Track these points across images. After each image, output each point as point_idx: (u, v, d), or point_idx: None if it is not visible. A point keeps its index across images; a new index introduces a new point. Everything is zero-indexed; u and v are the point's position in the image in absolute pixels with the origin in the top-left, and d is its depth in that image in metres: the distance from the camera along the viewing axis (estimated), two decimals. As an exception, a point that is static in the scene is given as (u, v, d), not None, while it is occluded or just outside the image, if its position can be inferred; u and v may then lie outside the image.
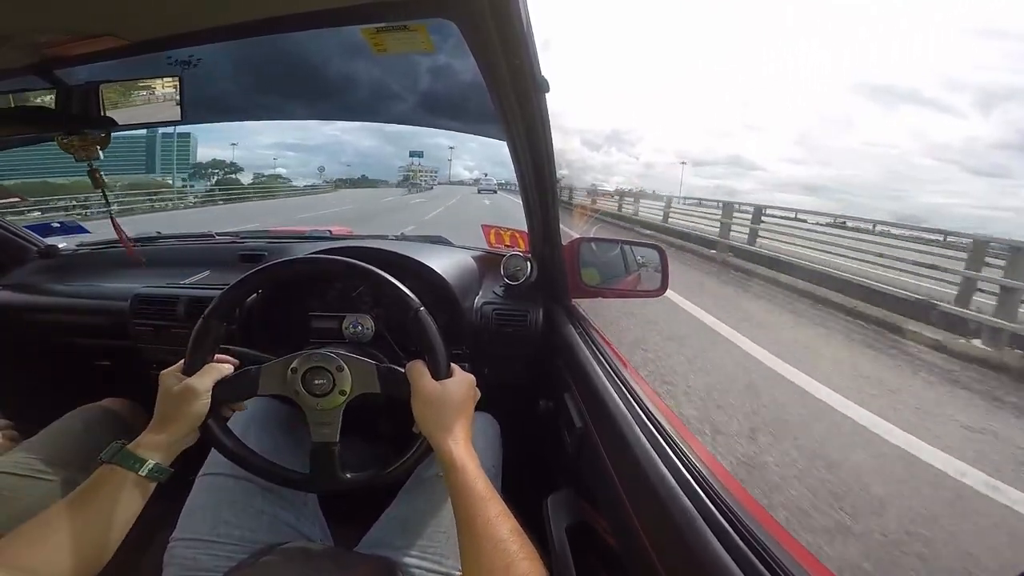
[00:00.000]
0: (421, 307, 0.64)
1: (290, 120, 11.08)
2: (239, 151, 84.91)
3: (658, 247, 1.20)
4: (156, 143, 21.95)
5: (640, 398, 0.68)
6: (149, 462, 0.55)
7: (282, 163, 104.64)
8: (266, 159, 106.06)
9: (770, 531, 0.43)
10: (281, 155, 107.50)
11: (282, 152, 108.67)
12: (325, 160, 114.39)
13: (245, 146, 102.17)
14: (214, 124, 4.15)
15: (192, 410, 0.58)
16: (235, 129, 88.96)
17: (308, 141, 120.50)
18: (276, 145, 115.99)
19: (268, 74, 1.34)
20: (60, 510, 0.50)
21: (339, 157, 31.13)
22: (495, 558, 0.48)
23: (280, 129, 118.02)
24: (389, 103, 1.55)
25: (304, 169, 60.73)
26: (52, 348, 1.26)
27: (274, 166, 63.54)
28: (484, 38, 0.57)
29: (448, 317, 0.95)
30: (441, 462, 0.58)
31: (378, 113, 1.73)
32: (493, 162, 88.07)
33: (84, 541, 0.49)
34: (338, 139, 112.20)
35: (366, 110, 1.68)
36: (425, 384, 0.60)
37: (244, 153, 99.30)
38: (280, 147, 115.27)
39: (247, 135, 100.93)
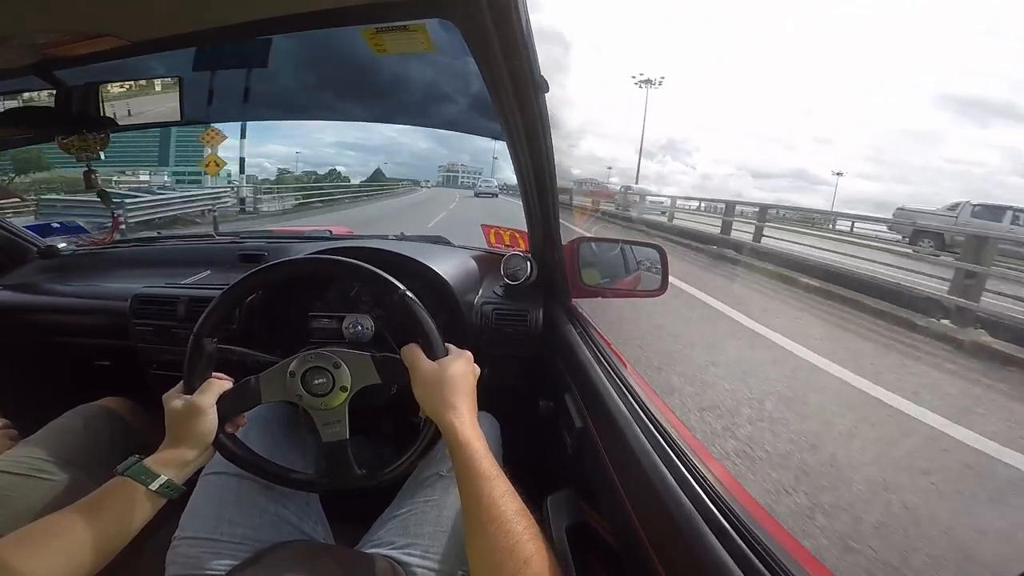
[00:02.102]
0: (406, 291, 0.64)
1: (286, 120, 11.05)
2: (305, 149, 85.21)
3: (658, 247, 1.20)
4: (171, 136, 21.56)
5: (640, 398, 0.68)
6: (161, 477, 0.55)
7: (342, 162, 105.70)
8: (330, 157, 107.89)
9: (770, 531, 0.43)
10: (342, 154, 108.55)
11: (343, 151, 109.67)
12: (384, 160, 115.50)
13: (308, 144, 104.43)
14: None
15: (200, 428, 0.59)
16: (296, 127, 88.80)
17: (367, 141, 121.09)
18: (338, 144, 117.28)
19: (271, 75, 1.34)
20: (66, 516, 0.51)
21: (396, 157, 31.87)
22: (500, 538, 0.48)
23: (341, 129, 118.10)
24: (387, 103, 1.55)
25: (363, 168, 61.59)
26: (52, 348, 1.26)
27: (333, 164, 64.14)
28: (484, 38, 0.57)
29: (448, 317, 0.95)
30: (447, 441, 0.57)
31: (376, 113, 1.73)
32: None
33: (85, 549, 0.50)
34: (396, 140, 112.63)
35: (359, 111, 1.68)
36: (422, 366, 0.60)
37: (309, 152, 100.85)
38: (341, 146, 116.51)
39: (308, 133, 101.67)
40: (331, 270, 0.75)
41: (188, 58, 0.92)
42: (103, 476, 0.56)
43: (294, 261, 0.73)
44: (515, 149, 0.84)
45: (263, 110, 1.58)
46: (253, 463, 0.65)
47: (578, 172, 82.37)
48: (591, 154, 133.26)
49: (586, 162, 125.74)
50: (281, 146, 48.21)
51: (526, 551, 0.47)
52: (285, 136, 65.60)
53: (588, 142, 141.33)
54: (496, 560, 0.48)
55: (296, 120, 13.48)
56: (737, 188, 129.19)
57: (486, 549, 0.49)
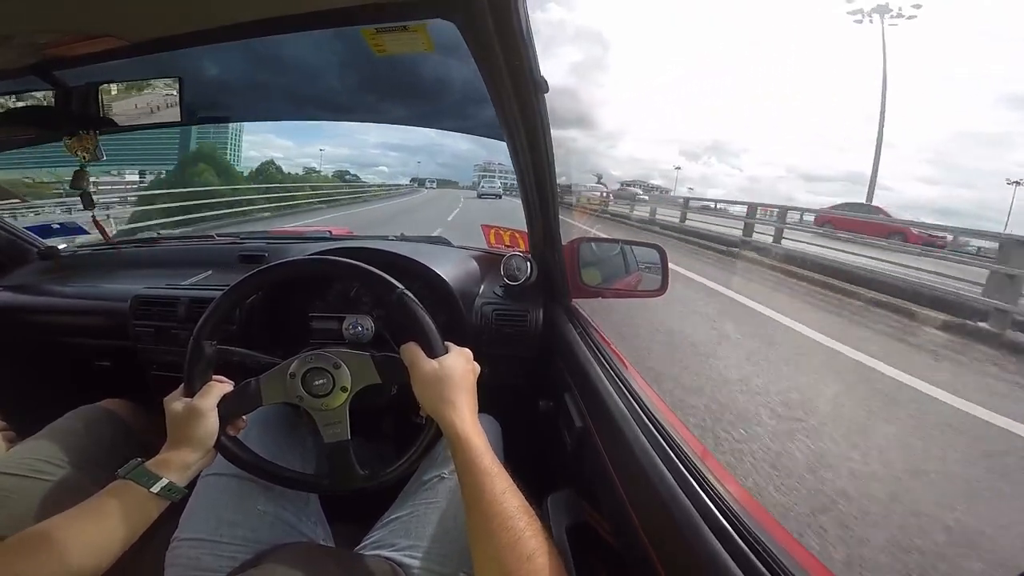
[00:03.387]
0: (404, 290, 0.64)
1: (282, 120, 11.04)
2: (351, 149, 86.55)
3: (658, 247, 1.20)
4: (190, 135, 21.14)
5: (640, 398, 0.68)
6: (163, 480, 0.56)
7: (385, 162, 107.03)
8: (373, 158, 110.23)
9: (770, 531, 0.43)
10: (385, 155, 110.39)
11: (386, 152, 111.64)
12: (425, 160, 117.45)
13: (353, 144, 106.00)
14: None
15: (201, 430, 0.59)
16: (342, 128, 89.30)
17: (409, 142, 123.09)
18: (382, 144, 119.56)
19: (261, 75, 1.34)
20: (68, 519, 0.51)
21: (437, 158, 32.21)
22: (502, 535, 0.48)
23: (386, 130, 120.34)
24: (384, 103, 1.55)
25: (405, 168, 62.81)
26: (52, 348, 1.25)
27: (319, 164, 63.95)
28: (484, 39, 0.57)
29: (448, 317, 0.95)
30: (448, 438, 0.58)
31: (373, 113, 1.73)
32: (581, 170, 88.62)
33: (88, 552, 0.50)
34: (436, 141, 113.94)
35: (358, 110, 1.68)
36: (422, 364, 0.60)
37: (354, 152, 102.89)
38: (385, 147, 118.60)
39: (353, 133, 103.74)
40: (331, 271, 0.75)
41: (190, 57, 0.92)
42: (103, 478, 0.56)
43: (294, 262, 0.73)
44: (515, 149, 0.84)
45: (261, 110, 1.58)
46: (255, 464, 0.65)
47: (618, 173, 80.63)
48: (631, 156, 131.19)
49: (626, 164, 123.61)
50: (331, 147, 49.27)
51: (529, 547, 0.47)
52: (329, 136, 66.38)
53: (628, 143, 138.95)
54: (499, 556, 0.48)
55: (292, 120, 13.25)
56: (787, 191, 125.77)
57: (488, 545, 0.49)
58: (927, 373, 3.25)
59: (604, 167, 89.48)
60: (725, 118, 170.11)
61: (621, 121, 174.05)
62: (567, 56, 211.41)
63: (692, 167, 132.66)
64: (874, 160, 23.73)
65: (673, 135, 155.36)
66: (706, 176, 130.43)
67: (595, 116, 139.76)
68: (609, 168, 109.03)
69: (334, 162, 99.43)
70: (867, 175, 23.85)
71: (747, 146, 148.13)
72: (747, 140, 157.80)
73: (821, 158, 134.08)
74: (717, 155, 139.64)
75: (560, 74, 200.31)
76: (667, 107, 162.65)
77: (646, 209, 15.68)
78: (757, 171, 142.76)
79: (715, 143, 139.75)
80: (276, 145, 57.86)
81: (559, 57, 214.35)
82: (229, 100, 1.44)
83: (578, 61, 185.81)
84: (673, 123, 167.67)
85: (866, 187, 24.02)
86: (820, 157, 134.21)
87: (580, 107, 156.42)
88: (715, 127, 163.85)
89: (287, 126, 40.46)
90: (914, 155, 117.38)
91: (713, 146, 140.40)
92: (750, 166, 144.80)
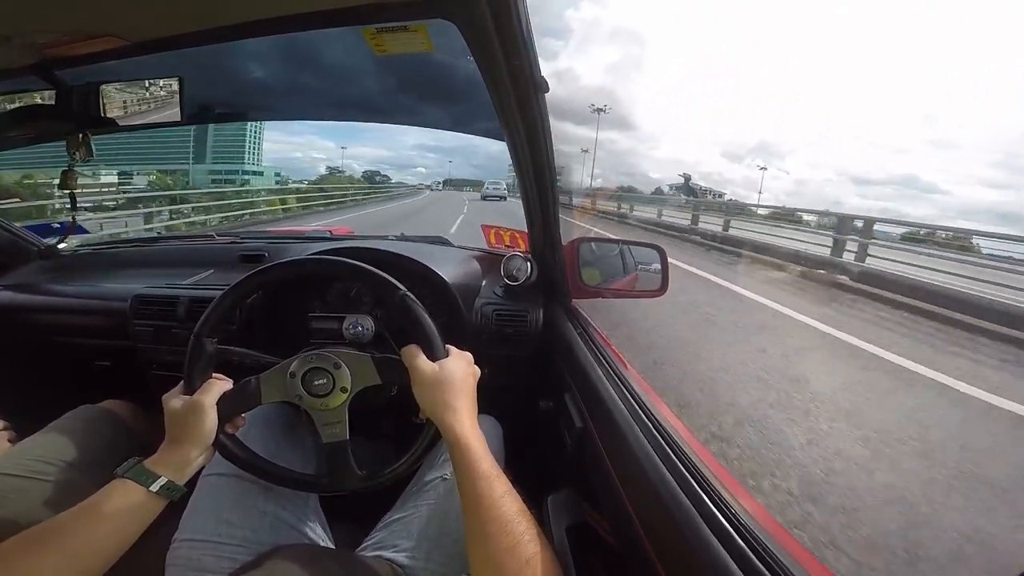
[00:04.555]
0: (407, 292, 0.64)
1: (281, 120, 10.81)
2: (388, 151, 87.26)
3: (658, 247, 1.20)
4: (207, 133, 20.85)
5: (640, 398, 0.68)
6: (162, 479, 0.55)
7: (423, 164, 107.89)
8: (411, 159, 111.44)
9: (770, 531, 0.43)
10: (423, 156, 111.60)
11: (423, 153, 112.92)
12: (460, 161, 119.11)
13: (390, 146, 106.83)
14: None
15: (201, 428, 0.59)
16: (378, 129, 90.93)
17: (445, 143, 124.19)
18: (419, 147, 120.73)
19: (255, 74, 1.34)
20: (68, 519, 0.51)
21: (472, 159, 32.09)
22: (500, 538, 0.48)
23: (423, 131, 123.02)
24: (382, 103, 1.55)
25: (440, 169, 63.35)
26: (52, 348, 1.25)
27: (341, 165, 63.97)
28: (484, 39, 0.57)
29: (448, 318, 0.95)
30: (447, 441, 0.58)
31: (371, 113, 1.73)
32: (618, 172, 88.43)
33: (88, 552, 0.50)
34: (471, 143, 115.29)
35: (356, 110, 1.68)
36: (423, 367, 0.60)
37: (392, 153, 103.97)
38: (422, 148, 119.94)
39: (393, 135, 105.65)
40: (332, 271, 0.75)
41: (191, 57, 0.92)
42: (103, 478, 0.56)
43: (295, 261, 0.73)
44: (515, 149, 0.84)
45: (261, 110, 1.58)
46: (253, 463, 0.65)
47: (658, 176, 78.65)
48: (672, 157, 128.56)
49: (666, 165, 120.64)
50: (371, 148, 49.76)
51: (527, 551, 0.47)
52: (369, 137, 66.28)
53: (669, 144, 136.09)
54: (496, 560, 0.48)
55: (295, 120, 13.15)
56: (835, 195, 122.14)
57: (486, 549, 0.49)
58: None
59: (644, 169, 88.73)
60: (772, 119, 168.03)
61: (662, 122, 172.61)
62: (603, 56, 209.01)
63: (735, 169, 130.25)
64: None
65: (716, 136, 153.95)
66: (750, 179, 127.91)
67: (634, 117, 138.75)
68: (649, 170, 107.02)
69: (373, 163, 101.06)
70: (922, 178, 22.66)
71: (794, 148, 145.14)
72: (794, 141, 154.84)
73: (873, 160, 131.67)
74: (763, 157, 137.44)
75: (596, 74, 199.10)
76: (710, 107, 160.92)
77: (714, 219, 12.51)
78: (804, 174, 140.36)
79: (760, 144, 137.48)
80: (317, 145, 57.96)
81: (594, 57, 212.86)
82: (231, 99, 1.44)
83: (615, 61, 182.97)
84: (716, 124, 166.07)
85: (919, 191, 22.78)
86: (872, 159, 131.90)
87: (619, 108, 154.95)
88: (761, 128, 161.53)
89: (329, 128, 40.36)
90: (978, 157, 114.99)
91: (758, 147, 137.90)
92: (797, 169, 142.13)
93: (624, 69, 37.68)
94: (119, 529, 0.52)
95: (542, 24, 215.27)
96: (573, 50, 30.81)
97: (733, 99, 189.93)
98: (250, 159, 27.82)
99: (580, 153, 51.50)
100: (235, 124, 24.87)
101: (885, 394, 2.95)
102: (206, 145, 21.64)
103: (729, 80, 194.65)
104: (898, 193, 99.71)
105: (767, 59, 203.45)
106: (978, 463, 2.02)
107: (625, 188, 40.96)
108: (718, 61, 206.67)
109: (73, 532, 0.50)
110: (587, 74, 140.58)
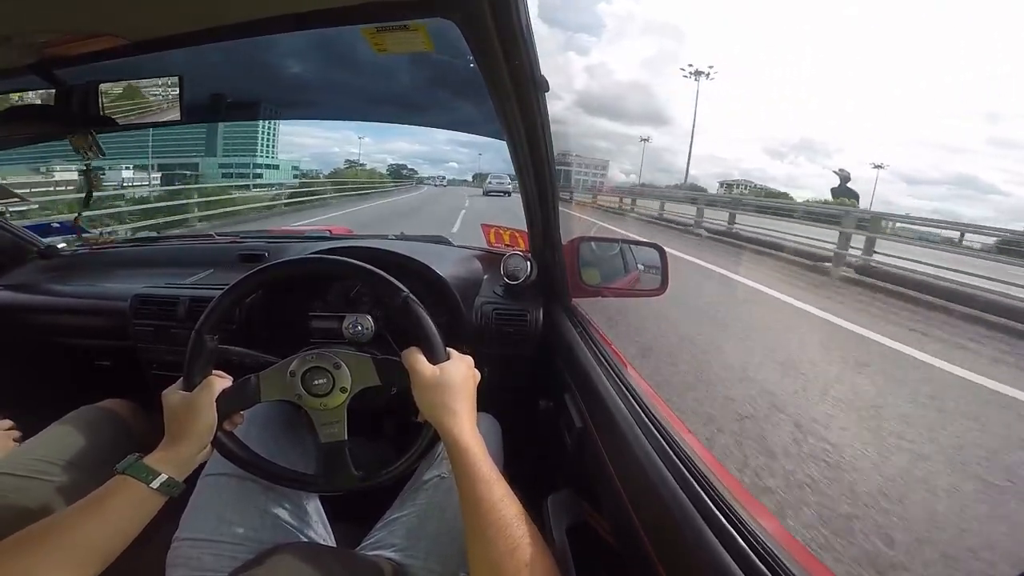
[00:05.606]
0: (409, 294, 0.64)
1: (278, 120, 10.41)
2: (422, 145, 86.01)
3: (658, 246, 1.20)
4: (218, 127, 20.43)
5: (640, 398, 0.68)
6: (162, 475, 0.55)
7: (455, 158, 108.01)
8: (445, 154, 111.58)
9: (770, 531, 0.43)
10: (456, 151, 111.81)
11: (456, 148, 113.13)
12: (492, 156, 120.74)
13: (425, 141, 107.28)
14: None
15: (199, 425, 0.59)
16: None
17: (477, 139, 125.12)
18: (452, 141, 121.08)
19: (246, 74, 1.34)
20: (69, 516, 0.51)
21: (503, 154, 32.25)
22: (499, 541, 0.49)
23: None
24: (381, 102, 1.55)
25: (472, 165, 62.75)
26: (52, 348, 1.26)
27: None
28: (484, 38, 0.57)
29: (448, 317, 0.95)
30: (446, 444, 0.58)
31: (370, 113, 1.73)
32: (654, 168, 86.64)
33: (89, 549, 0.50)
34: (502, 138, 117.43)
35: (355, 110, 1.68)
36: (423, 369, 0.60)
37: (427, 148, 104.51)
38: (455, 144, 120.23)
39: (427, 130, 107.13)
40: (333, 270, 0.75)
41: (192, 56, 0.92)
42: (104, 478, 0.56)
43: (296, 260, 0.73)
44: (515, 149, 0.84)
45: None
46: (251, 462, 0.65)
47: (695, 172, 75.95)
48: (710, 154, 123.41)
49: (704, 162, 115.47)
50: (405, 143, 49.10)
51: (526, 554, 0.48)
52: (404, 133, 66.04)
53: (706, 140, 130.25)
54: (495, 563, 0.48)
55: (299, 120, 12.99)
56: (884, 195, 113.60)
57: (485, 552, 0.49)
58: None
59: (680, 165, 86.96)
60: (818, 114, 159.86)
61: (699, 117, 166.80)
62: (637, 50, 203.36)
63: (777, 167, 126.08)
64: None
65: (756, 132, 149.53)
66: (793, 177, 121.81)
67: (670, 112, 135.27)
68: (684, 166, 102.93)
69: (407, 157, 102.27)
70: (980, 178, 20.53)
71: (841, 145, 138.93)
72: (842, 139, 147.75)
73: (925, 159, 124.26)
74: (806, 154, 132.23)
75: (630, 69, 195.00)
76: (750, 102, 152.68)
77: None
78: (852, 172, 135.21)
79: (804, 141, 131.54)
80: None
81: (627, 51, 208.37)
82: (232, 98, 1.44)
83: (650, 56, 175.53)
84: (756, 119, 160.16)
85: (976, 191, 20.65)
86: (924, 158, 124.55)
87: (654, 103, 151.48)
88: (805, 123, 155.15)
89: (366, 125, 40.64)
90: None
91: (801, 144, 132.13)
92: (845, 166, 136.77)
93: (660, 63, 36.92)
94: (120, 526, 0.52)
95: (573, 19, 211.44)
96: (606, 44, 29.83)
97: (776, 93, 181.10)
98: (263, 152, 27.47)
99: (638, 142, 47.36)
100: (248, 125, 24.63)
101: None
102: (216, 138, 21.45)
103: (772, 73, 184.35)
104: (953, 193, 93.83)
105: (816, 51, 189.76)
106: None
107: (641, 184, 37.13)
108: (761, 53, 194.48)
109: (73, 528, 0.50)
110: (621, 68, 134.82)
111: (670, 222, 12.63)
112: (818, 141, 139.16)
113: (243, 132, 25.71)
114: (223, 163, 23.03)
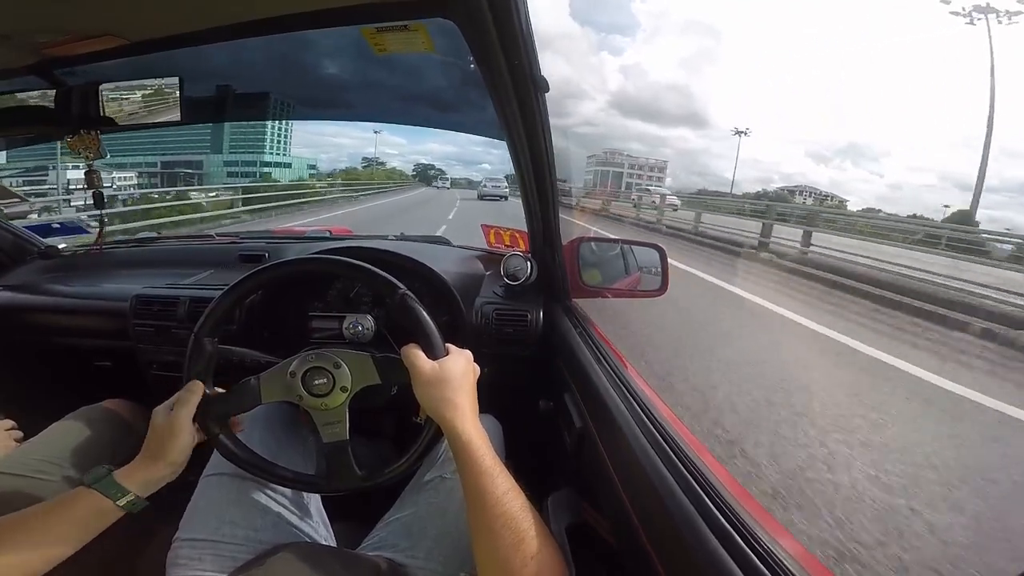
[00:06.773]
0: (407, 291, 0.64)
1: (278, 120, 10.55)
2: (455, 147, 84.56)
3: (658, 247, 1.20)
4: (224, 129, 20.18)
5: (640, 398, 0.68)
6: (130, 494, 0.56)
7: (487, 160, 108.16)
8: (477, 155, 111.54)
9: (770, 531, 0.43)
10: (487, 152, 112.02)
11: (488, 150, 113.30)
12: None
13: (457, 143, 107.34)
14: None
15: (174, 448, 0.59)
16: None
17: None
18: (484, 143, 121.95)
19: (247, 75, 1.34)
20: (25, 517, 0.52)
21: None
22: (505, 535, 0.49)
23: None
24: (380, 102, 1.55)
25: (503, 166, 63.07)
26: (52, 349, 1.26)
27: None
28: (484, 38, 0.57)
29: (448, 317, 0.95)
30: (449, 438, 0.58)
31: (369, 113, 1.73)
32: (689, 171, 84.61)
33: (36, 551, 0.51)
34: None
35: (357, 110, 1.68)
36: (422, 365, 0.60)
37: (459, 150, 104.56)
38: (487, 145, 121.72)
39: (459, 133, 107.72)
40: (332, 270, 0.75)
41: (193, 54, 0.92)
42: None
43: (295, 260, 0.73)
44: (515, 149, 0.84)
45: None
46: (252, 463, 0.65)
47: (732, 176, 71.53)
48: (751, 157, 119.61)
49: (744, 166, 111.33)
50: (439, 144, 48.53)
51: (532, 547, 0.48)
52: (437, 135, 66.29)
53: (747, 143, 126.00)
54: (502, 555, 0.48)
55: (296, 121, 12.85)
56: (934, 203, 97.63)
57: (491, 545, 0.49)
58: None
59: (718, 169, 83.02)
60: (865, 117, 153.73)
61: (739, 119, 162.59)
62: (673, 50, 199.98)
63: (820, 171, 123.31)
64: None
65: (799, 135, 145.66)
66: (837, 182, 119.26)
67: (708, 113, 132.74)
68: (723, 170, 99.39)
69: (441, 159, 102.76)
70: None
71: (889, 149, 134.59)
72: (890, 143, 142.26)
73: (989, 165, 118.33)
74: (852, 158, 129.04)
75: (666, 69, 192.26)
76: (793, 104, 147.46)
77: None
78: (900, 178, 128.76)
79: (850, 145, 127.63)
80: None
81: (662, 50, 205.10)
82: (233, 97, 1.44)
83: (687, 56, 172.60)
84: (800, 122, 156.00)
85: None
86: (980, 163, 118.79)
87: (692, 104, 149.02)
88: (851, 127, 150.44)
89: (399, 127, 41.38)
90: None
91: (847, 148, 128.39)
92: (892, 172, 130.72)
93: (698, 63, 35.71)
94: (72, 535, 0.53)
95: (607, 20, 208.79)
96: (641, 43, 28.92)
97: (821, 95, 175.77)
98: (273, 150, 26.94)
99: (730, 136, 44.39)
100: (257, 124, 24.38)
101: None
102: (223, 135, 21.27)
103: (817, 74, 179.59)
104: (1013, 201, 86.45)
105: (865, 51, 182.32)
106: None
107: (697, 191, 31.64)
108: (806, 53, 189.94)
109: (27, 530, 0.51)
110: (655, 70, 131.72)
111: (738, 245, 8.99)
112: (864, 145, 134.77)
113: (251, 129, 25.34)
114: (228, 160, 22.76)
